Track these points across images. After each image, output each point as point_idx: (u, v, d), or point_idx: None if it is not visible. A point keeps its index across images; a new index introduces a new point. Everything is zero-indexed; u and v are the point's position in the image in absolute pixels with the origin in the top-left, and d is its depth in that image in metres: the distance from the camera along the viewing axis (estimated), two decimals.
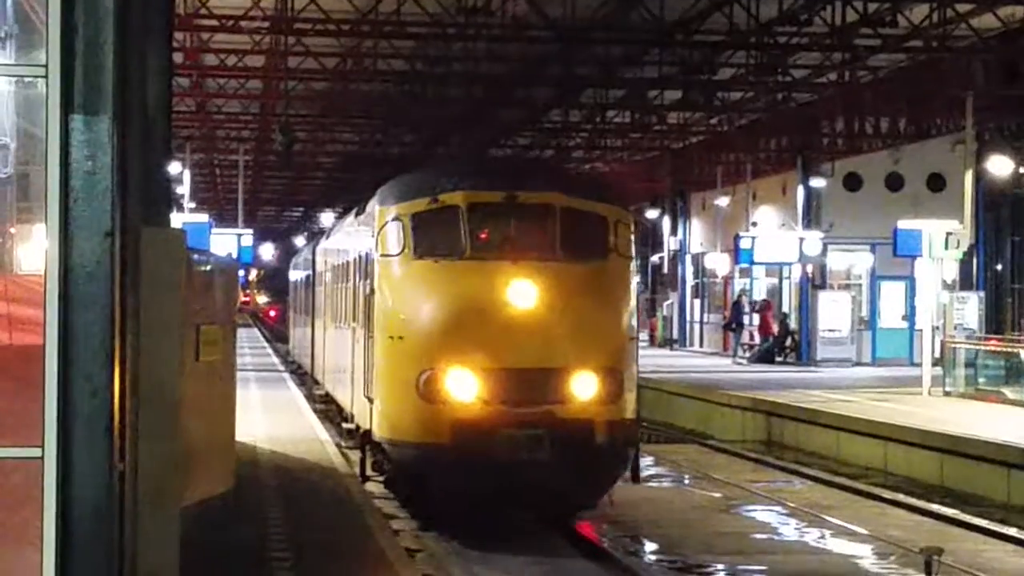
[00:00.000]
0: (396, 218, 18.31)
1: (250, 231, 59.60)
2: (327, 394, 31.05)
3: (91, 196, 7.19)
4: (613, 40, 35.90)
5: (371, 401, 18.73)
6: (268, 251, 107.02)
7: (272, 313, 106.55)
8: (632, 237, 18.82)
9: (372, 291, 18.91)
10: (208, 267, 15.48)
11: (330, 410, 30.26)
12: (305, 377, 40.03)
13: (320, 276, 34.51)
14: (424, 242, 18.15)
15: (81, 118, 7.19)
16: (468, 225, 18.07)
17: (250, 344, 58.56)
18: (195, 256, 14.60)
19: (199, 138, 52.36)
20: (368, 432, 19.39)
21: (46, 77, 7.19)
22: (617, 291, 18.52)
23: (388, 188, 19.73)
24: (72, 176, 7.17)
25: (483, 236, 18.45)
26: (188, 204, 50.17)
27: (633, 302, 18.79)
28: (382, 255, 18.50)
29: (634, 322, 18.83)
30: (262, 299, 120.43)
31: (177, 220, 32.74)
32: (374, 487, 20.13)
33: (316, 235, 47.90)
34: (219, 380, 15.60)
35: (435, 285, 17.95)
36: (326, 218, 63.46)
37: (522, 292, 17.49)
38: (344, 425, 25.13)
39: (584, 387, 17.57)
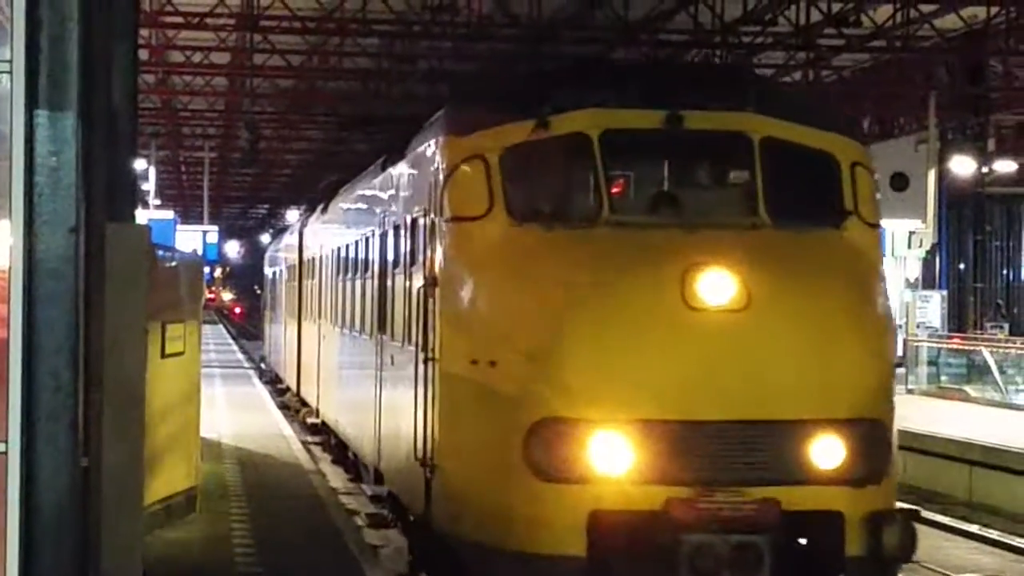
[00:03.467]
0: (476, 156, 11.31)
1: (215, 228, 59.67)
2: (323, 424, 24.06)
3: (56, 192, 7.21)
4: (578, 39, 35.96)
5: (429, 468, 11.67)
6: (234, 248, 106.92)
7: (237, 310, 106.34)
8: (876, 190, 11.97)
9: (430, 281, 11.85)
10: (173, 264, 15.50)
11: (326, 443, 24.52)
12: (281, 387, 34.80)
13: (311, 266, 27.20)
14: (528, 196, 11.50)
15: (46, 114, 7.20)
16: (605, 167, 11.27)
17: (215, 341, 58.44)
18: (160, 252, 14.63)
19: (165, 135, 52.20)
20: (421, 520, 12.28)
21: (11, 73, 7.19)
22: (865, 280, 11.38)
23: (458, 108, 13.07)
24: (37, 172, 7.19)
25: (631, 186, 12.16)
26: (153, 201, 50.09)
27: (888, 299, 11.55)
28: (451, 219, 11.45)
29: (894, 337, 11.78)
30: (227, 296, 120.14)
31: (142, 216, 32.64)
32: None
33: (303, 215, 35.35)
34: (184, 376, 15.62)
35: (551, 270, 10.89)
36: (291, 215, 63.40)
37: (709, 285, 10.48)
38: (370, 489, 18.48)
39: (828, 453, 10.61)
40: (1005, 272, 52.87)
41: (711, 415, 10.43)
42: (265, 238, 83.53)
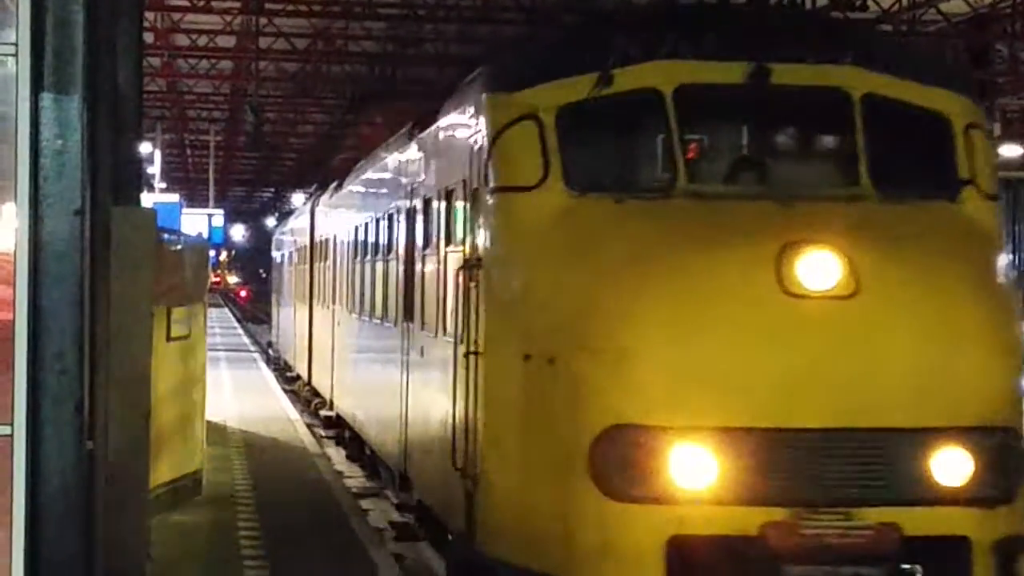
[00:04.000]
0: (528, 115, 9.82)
1: (221, 211, 59.66)
2: (338, 417, 22.59)
3: (61, 175, 7.21)
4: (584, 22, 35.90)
5: (471, 479, 10.22)
6: (239, 231, 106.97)
7: (243, 294, 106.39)
8: (994, 156, 10.88)
9: (472, 263, 10.47)
10: (178, 247, 15.51)
11: (339, 436, 23.21)
12: (291, 374, 33.51)
13: (323, 247, 25.45)
14: (589, 162, 9.96)
15: (51, 97, 7.21)
16: (680, 128, 9.80)
17: (221, 324, 58.48)
18: (165, 236, 14.64)
19: (170, 118, 52.19)
20: (462, 538, 10.65)
21: (16, 56, 7.20)
22: (988, 262, 9.89)
23: (506, 64, 11.52)
24: (42, 155, 7.19)
25: (710, 151, 10.38)
26: (159, 184, 50.06)
27: (1012, 284, 9.95)
28: (498, 189, 9.99)
29: (1020, 329, 9.79)
30: (233, 279, 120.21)
31: (148, 200, 32.66)
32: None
33: (314, 193, 32.40)
34: (190, 360, 15.64)
35: (620, 249, 9.42)
36: (297, 199, 63.46)
37: (811, 267, 9.01)
38: (394, 494, 16.42)
39: (953, 468, 9.10)
40: (1011, 256, 52.91)
41: (814, 422, 8.91)
42: (271, 222, 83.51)
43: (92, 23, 7.45)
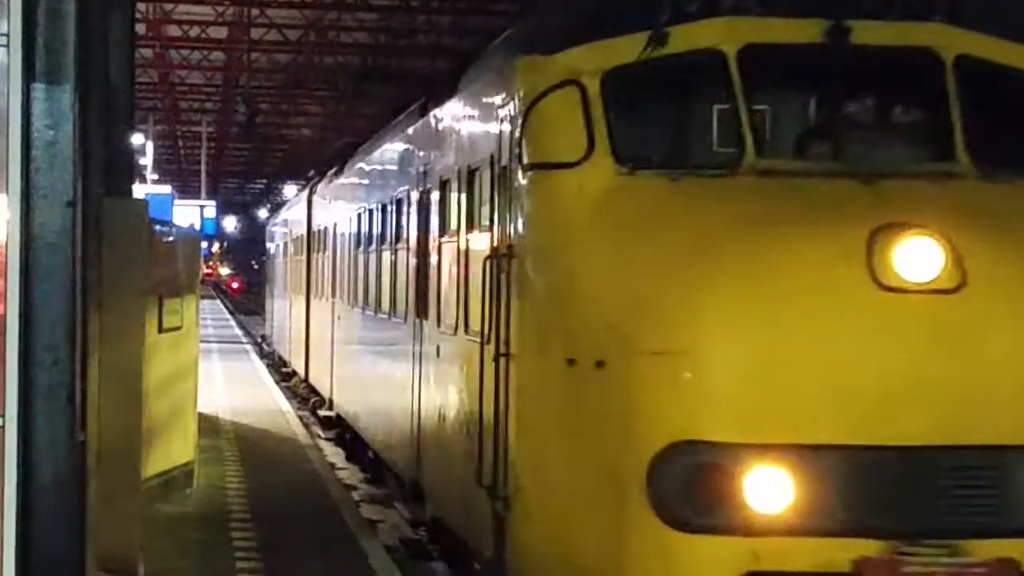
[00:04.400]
0: (569, 80, 8.59)
1: (213, 203, 59.60)
2: (338, 417, 21.26)
3: (53, 166, 7.19)
4: None
5: (501, 501, 8.99)
6: (231, 223, 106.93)
7: (235, 285, 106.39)
8: None
9: (502, 252, 9.22)
10: (171, 238, 15.49)
11: (337, 437, 21.96)
12: (286, 370, 32.31)
13: (322, 237, 24.33)
14: (641, 134, 8.80)
15: (43, 87, 7.18)
16: (746, 94, 8.53)
17: (213, 316, 58.46)
18: (158, 227, 14.62)
19: (162, 109, 52.16)
20: (489, 565, 9.58)
21: (7, 46, 7.17)
22: None
23: (542, 22, 10.59)
24: (34, 146, 7.17)
25: (781, 120, 9.06)
26: (151, 175, 50.03)
27: None
28: (533, 166, 8.76)
29: None
30: (225, 271, 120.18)
31: (140, 191, 32.62)
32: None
33: (311, 180, 30.67)
34: (182, 351, 15.63)
35: (681, 235, 8.17)
36: (289, 190, 63.40)
37: (910, 255, 7.76)
38: (405, 507, 15.26)
39: None
40: None
41: (915, 438, 7.62)
42: (263, 213, 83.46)
43: (84, 14, 7.42)
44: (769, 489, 7.60)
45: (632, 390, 7.86)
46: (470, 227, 10.81)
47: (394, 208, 15.03)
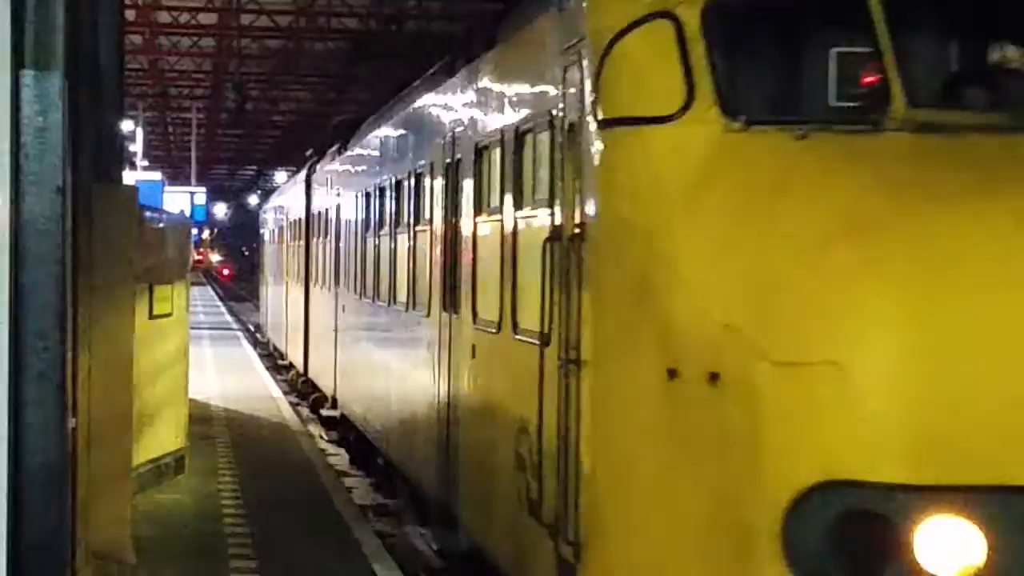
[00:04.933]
0: (662, 12, 7.00)
1: (203, 189, 59.50)
2: (342, 416, 19.64)
3: (42, 152, 7.18)
4: None
5: (570, 546, 7.40)
6: (222, 210, 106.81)
7: (225, 272, 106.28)
8: None
9: (570, 233, 7.60)
10: (161, 225, 15.47)
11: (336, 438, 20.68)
12: (282, 363, 30.83)
13: (322, 220, 22.70)
14: (754, 80, 7.19)
15: (32, 74, 7.16)
16: (889, 28, 6.84)
17: (204, 303, 58.42)
18: (148, 214, 14.60)
19: (152, 96, 52.01)
20: None
21: None
22: None
23: None
24: (23, 132, 7.16)
25: (935, 63, 7.33)
26: (141, 162, 49.94)
27: None
28: (612, 121, 7.17)
29: None
30: (215, 257, 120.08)
31: (129, 178, 32.55)
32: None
33: (309, 160, 28.44)
34: (172, 337, 15.62)
35: (821, 208, 6.44)
36: (280, 177, 63.25)
37: None
38: (430, 534, 12.95)
39: None
40: None
41: None
42: (253, 200, 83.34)
43: (73, 0, 7.42)
44: (948, 544, 5.79)
45: (760, 412, 6.07)
46: (519, 202, 9.12)
47: (412, 184, 13.41)
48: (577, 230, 7.46)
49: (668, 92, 6.87)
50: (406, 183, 13.82)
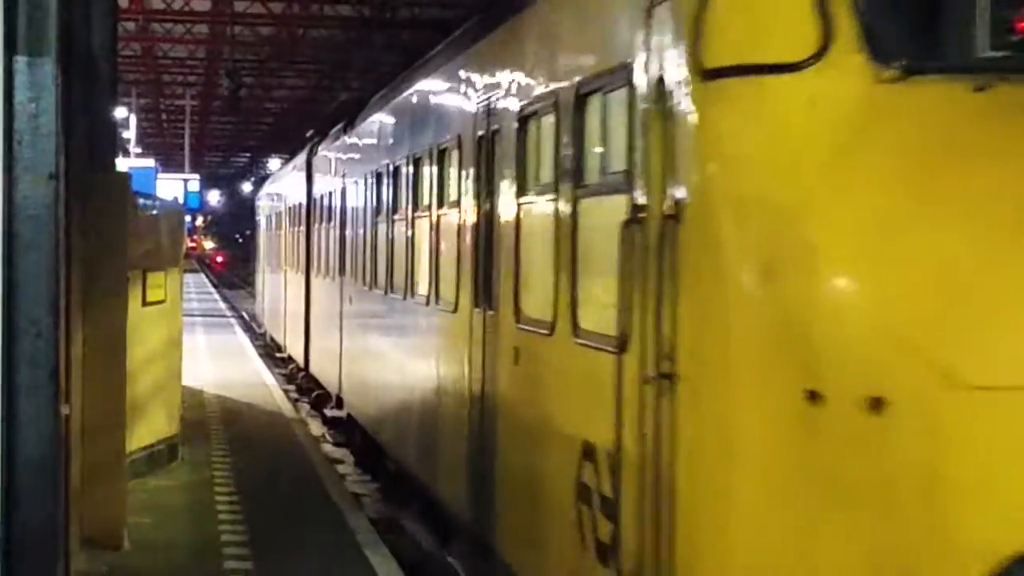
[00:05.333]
0: None
1: (197, 176, 59.46)
2: (348, 417, 18.18)
3: (35, 139, 7.17)
4: None
5: None
6: (215, 197, 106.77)
7: (219, 259, 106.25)
8: None
9: (659, 216, 6.02)
10: (154, 212, 15.46)
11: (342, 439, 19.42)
12: (280, 356, 29.65)
13: (325, 204, 21.26)
14: (910, 17, 5.37)
15: (25, 60, 7.15)
16: None
17: (197, 290, 58.40)
18: (141, 201, 14.59)
19: (145, 83, 51.97)
20: None
21: None
22: None
23: None
24: (16, 118, 7.15)
25: None
26: (134, 149, 49.88)
27: None
28: (720, 71, 5.57)
29: None
30: (209, 245, 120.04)
31: (123, 165, 32.53)
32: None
33: (311, 141, 26.73)
34: (166, 325, 15.62)
35: (1012, 189, 4.92)
36: (273, 164, 63.15)
37: None
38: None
39: None
40: None
41: None
42: (247, 187, 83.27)
43: None
44: None
45: (946, 452, 4.78)
46: (579, 179, 7.59)
47: (434, 162, 11.87)
48: (670, 211, 5.88)
49: (795, 33, 5.39)
50: (426, 161, 12.32)
